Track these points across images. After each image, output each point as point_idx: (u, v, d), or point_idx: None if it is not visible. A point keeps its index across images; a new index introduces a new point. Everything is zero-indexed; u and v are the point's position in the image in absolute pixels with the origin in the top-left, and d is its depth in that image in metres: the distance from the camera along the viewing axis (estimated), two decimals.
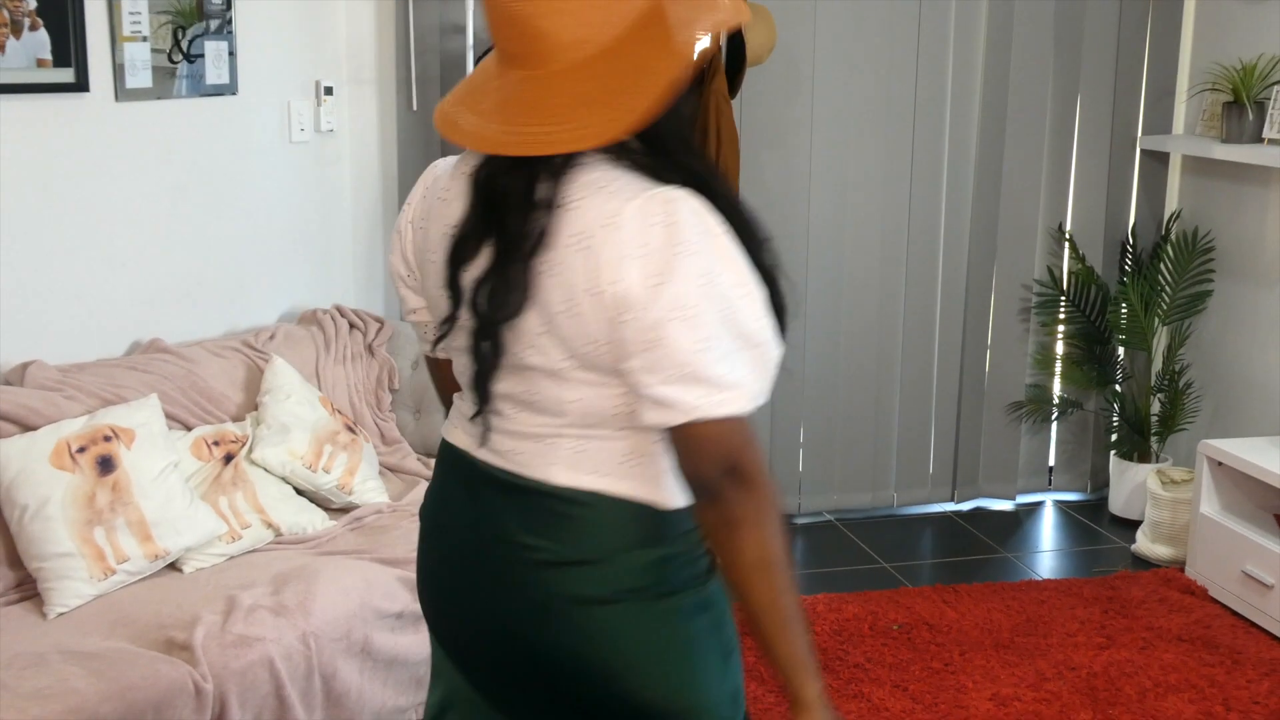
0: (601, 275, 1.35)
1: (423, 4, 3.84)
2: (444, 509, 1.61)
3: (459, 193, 1.49)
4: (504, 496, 1.50)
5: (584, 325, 1.38)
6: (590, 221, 1.36)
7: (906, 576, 3.93)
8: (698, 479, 1.41)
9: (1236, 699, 3.14)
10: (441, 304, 1.50)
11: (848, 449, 4.40)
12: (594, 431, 1.45)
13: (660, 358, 1.35)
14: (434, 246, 1.52)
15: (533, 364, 1.43)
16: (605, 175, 1.39)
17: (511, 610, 1.50)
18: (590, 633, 1.47)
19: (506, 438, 1.50)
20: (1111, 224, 4.49)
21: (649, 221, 1.35)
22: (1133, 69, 4.38)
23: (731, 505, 1.39)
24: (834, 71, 4.19)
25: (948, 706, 3.09)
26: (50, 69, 2.95)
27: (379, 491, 3.22)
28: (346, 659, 2.64)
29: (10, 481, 2.66)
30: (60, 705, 2.24)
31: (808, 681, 1.44)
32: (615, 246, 1.35)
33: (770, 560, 1.41)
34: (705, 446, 1.38)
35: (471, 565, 1.54)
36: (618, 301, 1.35)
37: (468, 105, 1.44)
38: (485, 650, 1.56)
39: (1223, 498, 3.77)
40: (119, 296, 3.21)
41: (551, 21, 1.36)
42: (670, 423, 1.38)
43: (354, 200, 3.94)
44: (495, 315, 1.41)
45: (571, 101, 1.35)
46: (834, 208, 4.27)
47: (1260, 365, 4.08)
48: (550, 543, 1.46)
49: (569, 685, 1.50)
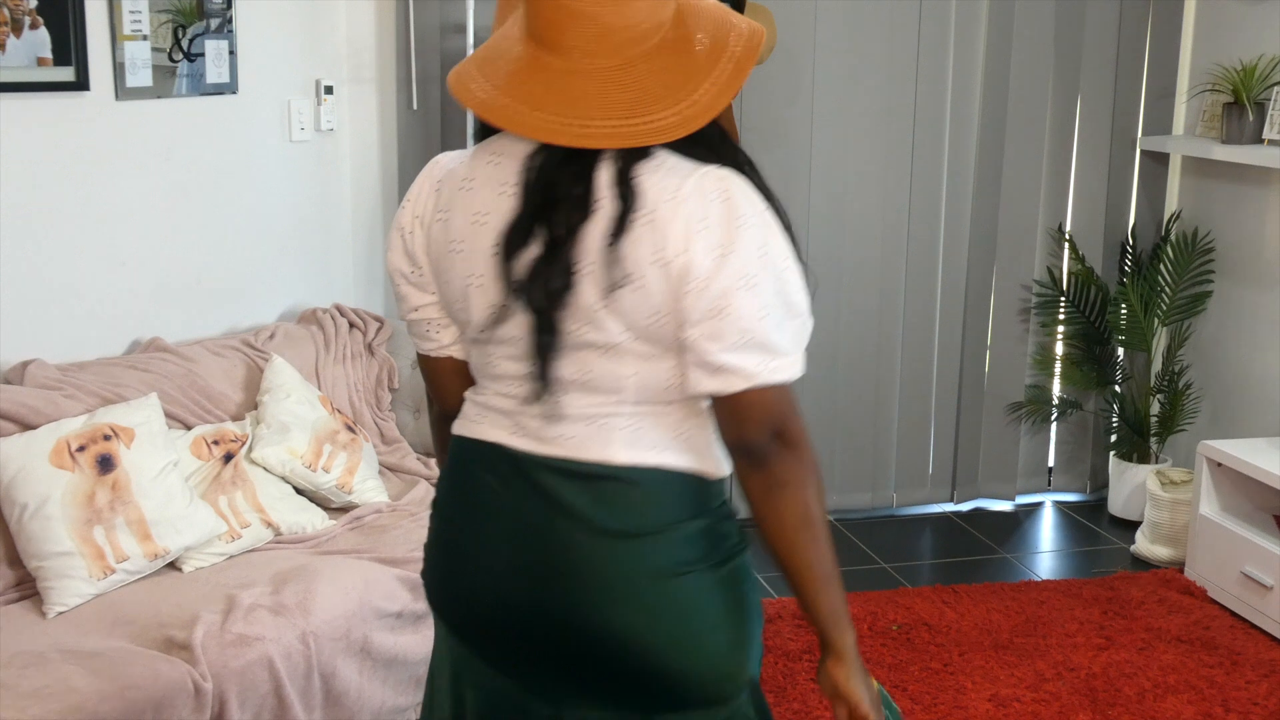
0: (669, 246, 1.41)
1: (423, 3, 3.84)
2: (475, 506, 1.58)
3: (488, 179, 1.50)
4: (563, 481, 1.51)
5: (648, 297, 1.43)
6: (653, 197, 1.42)
7: (906, 577, 3.93)
8: (745, 445, 1.47)
9: (1235, 700, 3.14)
10: (479, 294, 1.50)
11: (847, 449, 4.40)
12: (647, 407, 1.50)
13: (725, 325, 1.42)
14: (462, 235, 1.51)
15: (590, 340, 1.46)
16: (658, 156, 1.46)
17: (578, 593, 1.50)
18: (662, 606, 1.50)
19: (555, 424, 1.51)
20: (1111, 225, 4.49)
21: (707, 196, 1.42)
22: (1133, 69, 4.38)
23: (777, 469, 1.47)
24: (834, 72, 4.19)
25: (947, 707, 3.09)
26: (51, 68, 2.95)
27: (378, 491, 3.22)
28: (346, 658, 2.64)
29: (10, 480, 2.66)
30: (60, 704, 2.23)
31: (846, 632, 1.54)
32: (680, 219, 1.41)
33: (814, 519, 1.49)
34: (756, 413, 1.45)
35: (525, 554, 1.53)
36: (685, 270, 1.41)
37: (511, 94, 1.45)
38: (535, 639, 1.54)
39: (1222, 499, 3.78)
40: (119, 295, 3.21)
41: (615, 17, 1.42)
42: (729, 390, 1.44)
43: (354, 199, 3.94)
44: (556, 299, 1.44)
45: (636, 96, 1.42)
46: (834, 208, 4.27)
47: (1260, 366, 4.08)
48: (620, 520, 1.50)
49: (626, 665, 1.52)
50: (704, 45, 1.45)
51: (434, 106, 3.92)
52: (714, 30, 1.47)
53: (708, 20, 1.47)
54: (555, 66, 1.43)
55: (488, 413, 1.57)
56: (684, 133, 1.43)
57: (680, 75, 1.43)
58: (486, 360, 1.56)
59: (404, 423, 3.61)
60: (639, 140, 1.41)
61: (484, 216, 1.49)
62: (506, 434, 1.55)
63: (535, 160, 1.46)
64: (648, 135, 1.41)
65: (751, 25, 1.49)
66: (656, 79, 1.43)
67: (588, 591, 1.50)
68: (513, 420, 1.55)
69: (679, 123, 1.42)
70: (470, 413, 1.61)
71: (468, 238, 1.50)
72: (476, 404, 1.60)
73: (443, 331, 1.62)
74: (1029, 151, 4.35)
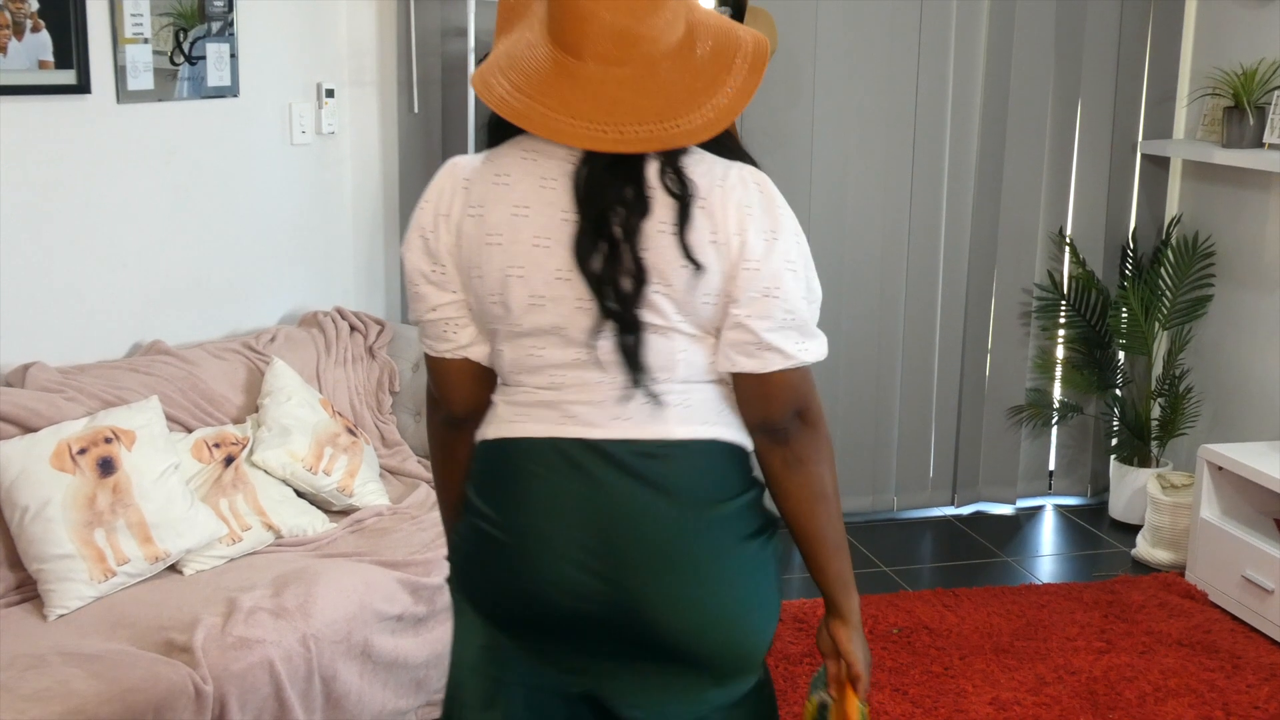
0: (723, 229, 1.51)
1: (424, 6, 3.85)
2: (532, 504, 1.57)
3: (526, 174, 1.53)
4: (631, 460, 1.54)
5: (706, 278, 1.51)
6: (704, 186, 1.51)
7: (906, 580, 3.93)
8: (770, 423, 1.58)
9: (1236, 704, 3.14)
10: (520, 284, 1.52)
11: (848, 453, 4.39)
12: (693, 385, 1.57)
13: (773, 305, 1.52)
14: (500, 228, 1.53)
15: (647, 322, 1.53)
16: (695, 152, 1.55)
17: (656, 565, 1.53)
18: (728, 576, 1.56)
19: (609, 407, 1.55)
20: (1112, 228, 4.49)
21: (748, 186, 1.53)
22: (1133, 73, 4.38)
23: (798, 445, 1.59)
24: (835, 75, 4.19)
25: (947, 711, 3.09)
26: (52, 70, 2.95)
27: (379, 494, 3.22)
28: (346, 661, 2.64)
29: (11, 483, 2.66)
30: (60, 707, 2.23)
31: (852, 596, 1.68)
32: (732, 204, 1.51)
33: (829, 492, 1.62)
34: (785, 392, 1.56)
35: (600, 538, 1.54)
36: (740, 251, 1.51)
37: (544, 101, 1.49)
38: (603, 626, 1.56)
39: (1223, 502, 3.77)
40: (120, 298, 3.21)
41: (642, 27, 1.49)
42: (766, 369, 1.54)
43: (355, 202, 3.94)
44: (631, 302, 1.51)
45: (663, 101, 1.49)
46: (834, 211, 4.27)
47: (1260, 370, 4.08)
48: (691, 491, 1.55)
49: (687, 640, 1.55)
50: (716, 51, 1.53)
51: (435, 110, 3.93)
52: (722, 38, 1.55)
53: (715, 29, 1.55)
54: (585, 74, 1.49)
55: (529, 409, 1.58)
56: (711, 134, 1.50)
57: (701, 80, 1.51)
58: (524, 354, 1.57)
59: (405, 426, 3.61)
60: (673, 143, 1.48)
61: (524, 210, 1.52)
62: (554, 426, 1.56)
63: (581, 172, 1.51)
64: (680, 138, 1.48)
65: (754, 33, 1.58)
66: (680, 84, 1.50)
67: (667, 561, 1.53)
68: (559, 411, 1.57)
69: (705, 125, 1.49)
70: (505, 414, 1.61)
71: (506, 230, 1.53)
72: (512, 404, 1.61)
73: (461, 331, 1.62)
74: (1030, 155, 4.36)
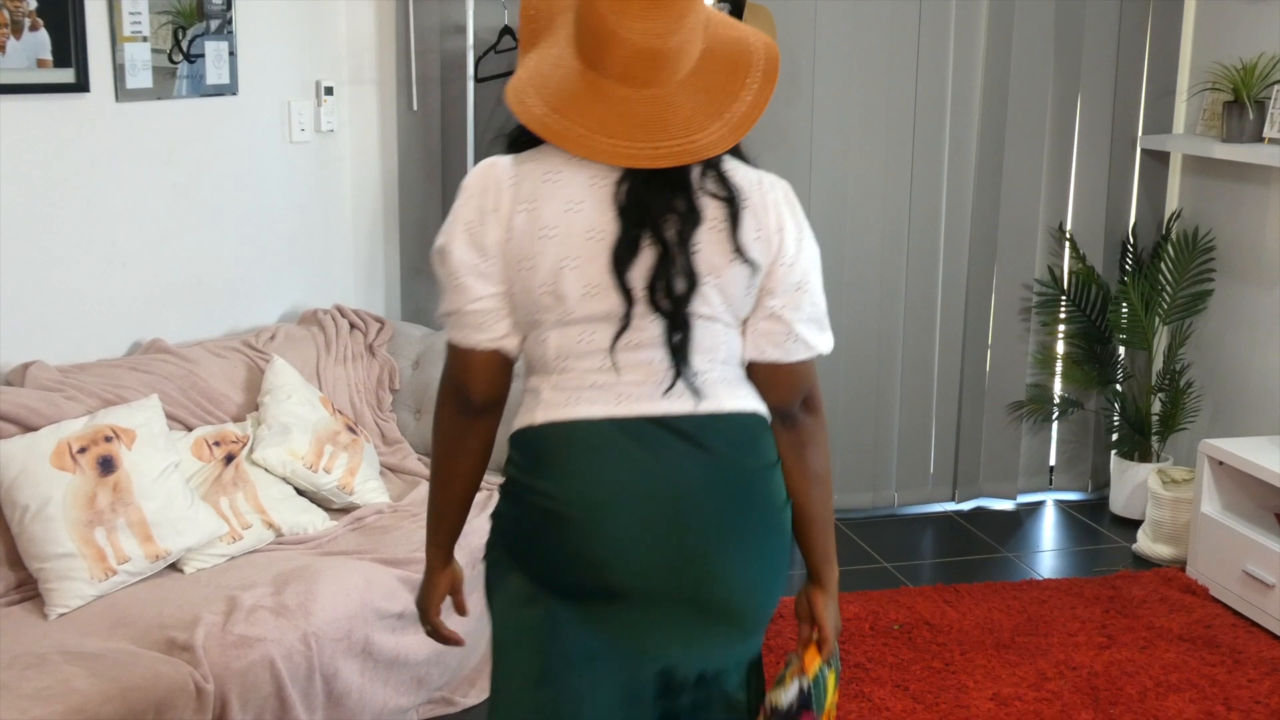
0: (768, 224, 1.66)
1: (423, 4, 3.85)
2: (593, 480, 1.64)
3: (577, 172, 1.62)
4: (692, 430, 1.65)
5: (750, 272, 1.65)
6: (745, 188, 1.66)
7: (907, 576, 3.93)
8: (782, 408, 1.73)
9: (1237, 698, 3.14)
10: (575, 274, 1.61)
11: (848, 449, 4.40)
12: (730, 365, 1.71)
13: (804, 299, 1.69)
14: (554, 222, 1.61)
15: (697, 312, 1.65)
16: (728, 160, 1.69)
17: (726, 519, 1.65)
18: (776, 533, 1.71)
19: (654, 387, 1.65)
20: (1112, 223, 4.49)
21: (778, 188, 1.70)
22: (1133, 68, 4.38)
23: (803, 429, 1.74)
24: (834, 72, 4.19)
25: (949, 706, 3.09)
26: (50, 69, 2.95)
27: (380, 492, 3.22)
28: (347, 659, 2.64)
29: (11, 482, 2.66)
30: (61, 706, 2.23)
31: (834, 569, 1.84)
32: (770, 204, 1.67)
33: (825, 473, 1.77)
34: (799, 381, 1.72)
35: (668, 506, 1.63)
36: (780, 246, 1.67)
37: (580, 121, 1.60)
38: (668, 590, 1.65)
39: (1224, 497, 3.77)
40: (119, 297, 3.21)
41: (670, 47, 1.59)
42: (790, 358, 1.70)
43: (354, 200, 3.94)
44: (682, 302, 1.62)
45: (687, 116, 1.61)
46: (834, 208, 4.26)
47: (1261, 364, 4.08)
48: (747, 457, 1.68)
49: (736, 599, 1.68)
50: (732, 65, 1.65)
51: (434, 107, 3.93)
52: (736, 51, 1.66)
53: (729, 41, 1.66)
54: (617, 94, 1.60)
55: (580, 392, 1.66)
56: (732, 144, 1.63)
57: (719, 93, 1.63)
58: (574, 340, 1.65)
59: (405, 423, 3.61)
60: (699, 155, 1.60)
61: (578, 205, 1.61)
62: (610, 406, 1.65)
63: (622, 187, 1.61)
64: (706, 149, 1.60)
65: (765, 39, 1.69)
66: (701, 97, 1.62)
67: (725, 522, 1.65)
68: (612, 393, 1.65)
69: (727, 134, 1.62)
70: (554, 399, 1.67)
71: (560, 224, 1.61)
72: (560, 389, 1.67)
73: (499, 323, 1.67)
74: (1029, 150, 4.35)
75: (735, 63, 1.65)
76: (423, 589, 1.88)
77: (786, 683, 1.77)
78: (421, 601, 1.89)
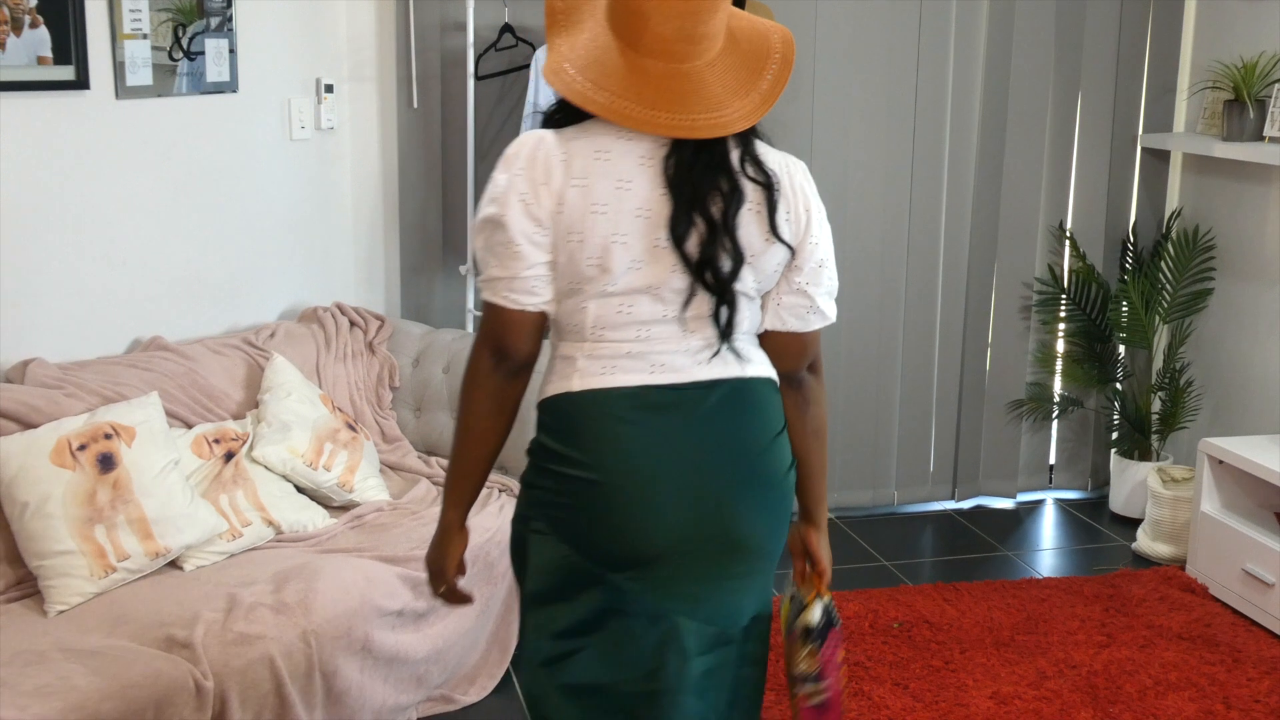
0: (797, 206, 1.79)
1: (423, 2, 3.85)
2: (633, 446, 1.74)
3: (626, 152, 1.73)
4: (724, 395, 1.78)
5: (781, 251, 1.78)
6: (777, 172, 1.78)
7: (907, 574, 3.93)
8: (793, 372, 1.88)
9: (1237, 697, 3.14)
10: (623, 250, 1.71)
11: (848, 447, 4.40)
12: (751, 335, 1.84)
13: (824, 275, 1.84)
14: (605, 199, 1.72)
15: (736, 290, 1.77)
16: (758, 144, 1.80)
17: (754, 478, 1.80)
18: (789, 483, 1.87)
19: (695, 354, 1.78)
20: (1112, 222, 4.48)
21: (797, 170, 1.82)
22: (1133, 67, 4.38)
23: (807, 390, 1.91)
24: (835, 70, 4.19)
25: (948, 704, 3.09)
26: (51, 66, 2.95)
27: (379, 489, 3.22)
28: (347, 657, 2.64)
29: (11, 479, 2.66)
30: (61, 703, 2.23)
31: (823, 508, 2.00)
32: (798, 186, 1.80)
33: (824, 429, 1.94)
34: (811, 348, 1.88)
35: (705, 467, 1.76)
36: (807, 226, 1.81)
37: (625, 96, 1.70)
38: (702, 548, 1.78)
39: (1223, 496, 3.78)
40: (119, 294, 3.21)
41: (704, 27, 1.71)
42: (808, 327, 1.85)
43: (354, 198, 3.94)
44: (729, 280, 1.75)
45: (718, 91, 1.73)
46: (834, 206, 4.18)
47: (1261, 363, 4.08)
48: (769, 420, 1.82)
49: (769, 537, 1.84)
50: (754, 47, 1.77)
51: (434, 104, 3.92)
52: (757, 36, 1.78)
53: (749, 29, 1.79)
54: (656, 70, 1.71)
55: (615, 361, 1.77)
56: (755, 120, 1.74)
57: (744, 73, 1.75)
58: (613, 311, 1.75)
59: (405, 421, 3.61)
60: (730, 128, 1.71)
61: (627, 184, 1.72)
62: (644, 375, 1.76)
63: (670, 160, 1.72)
64: (732, 124, 1.72)
65: (782, 29, 1.80)
66: (729, 75, 1.74)
67: (752, 475, 1.79)
68: (646, 362, 1.77)
69: (750, 111, 1.73)
70: (588, 368, 1.77)
71: (611, 201, 1.72)
72: (594, 358, 1.77)
73: (546, 289, 1.77)
74: (1030, 149, 4.35)
75: (756, 47, 1.77)
76: (439, 550, 1.92)
77: (809, 604, 1.96)
78: (438, 562, 1.93)
